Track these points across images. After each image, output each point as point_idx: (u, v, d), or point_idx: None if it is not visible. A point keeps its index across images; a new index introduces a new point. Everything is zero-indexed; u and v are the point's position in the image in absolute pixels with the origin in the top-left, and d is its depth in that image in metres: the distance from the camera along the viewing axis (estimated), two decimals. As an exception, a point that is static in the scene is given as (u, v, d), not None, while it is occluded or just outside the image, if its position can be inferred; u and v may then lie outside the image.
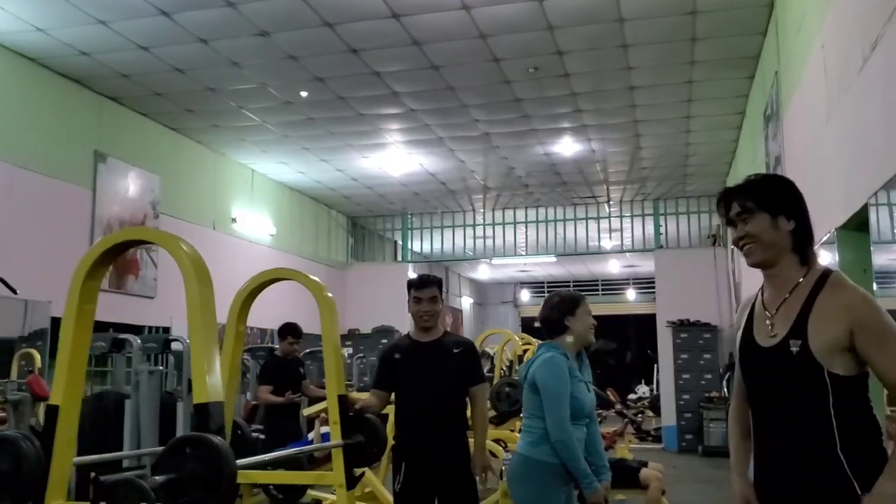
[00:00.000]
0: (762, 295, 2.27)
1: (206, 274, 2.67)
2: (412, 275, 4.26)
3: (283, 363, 6.95)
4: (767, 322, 2.18)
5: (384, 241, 16.70)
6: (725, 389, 12.30)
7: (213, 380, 2.57)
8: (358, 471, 3.48)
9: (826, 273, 2.15)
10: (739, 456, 2.37)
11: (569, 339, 3.59)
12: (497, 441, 6.71)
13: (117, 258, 2.88)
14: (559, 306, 3.65)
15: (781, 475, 2.12)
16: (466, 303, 22.24)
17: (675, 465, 10.28)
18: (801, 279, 2.15)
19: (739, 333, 2.29)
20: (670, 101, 9.11)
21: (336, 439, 3.47)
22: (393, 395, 4.22)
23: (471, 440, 4.21)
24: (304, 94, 8.78)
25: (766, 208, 2.18)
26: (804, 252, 2.18)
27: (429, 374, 4.08)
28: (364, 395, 4.38)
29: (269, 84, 8.51)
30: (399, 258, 16.32)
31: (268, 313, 8.91)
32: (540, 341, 3.83)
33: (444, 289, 4.24)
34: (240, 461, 3.07)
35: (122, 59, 7.75)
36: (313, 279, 3.64)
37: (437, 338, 4.18)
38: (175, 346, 6.95)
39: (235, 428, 3.62)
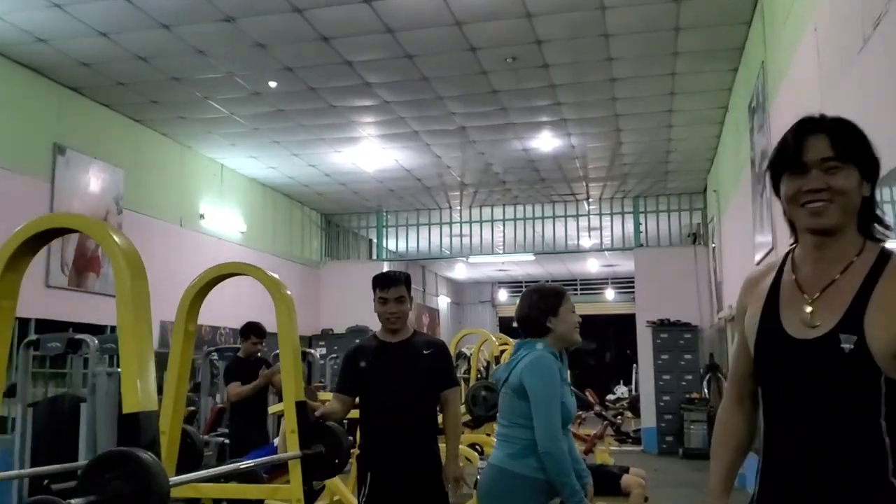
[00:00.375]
0: (794, 272, 1.78)
1: (140, 266, 2.38)
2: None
3: (246, 364, 6.62)
4: (807, 307, 1.70)
5: (359, 238, 16.38)
6: (706, 391, 12.11)
7: (145, 386, 2.27)
8: (318, 483, 3.19)
9: (886, 253, 1.69)
10: (724, 477, 1.88)
11: (548, 338, 3.25)
12: (472, 446, 6.43)
13: (41, 248, 2.57)
14: (539, 304, 3.25)
15: (810, 498, 1.66)
16: (443, 302, 21.98)
17: (655, 468, 10.04)
18: (854, 258, 1.70)
19: (755, 318, 1.79)
20: (652, 95, 8.87)
21: (294, 449, 3.17)
22: (358, 400, 3.91)
23: (443, 446, 3.92)
24: (273, 84, 8.44)
25: (860, 164, 1.69)
26: (868, 227, 1.74)
27: (397, 377, 3.77)
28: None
29: (236, 74, 8.17)
30: (374, 256, 16.01)
31: (240, 312, 8.58)
32: (517, 340, 3.49)
33: (412, 286, 3.91)
34: (185, 476, 2.78)
35: (82, 46, 7.39)
36: (269, 275, 3.35)
37: (407, 338, 3.88)
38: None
39: (185, 436, 3.31)
